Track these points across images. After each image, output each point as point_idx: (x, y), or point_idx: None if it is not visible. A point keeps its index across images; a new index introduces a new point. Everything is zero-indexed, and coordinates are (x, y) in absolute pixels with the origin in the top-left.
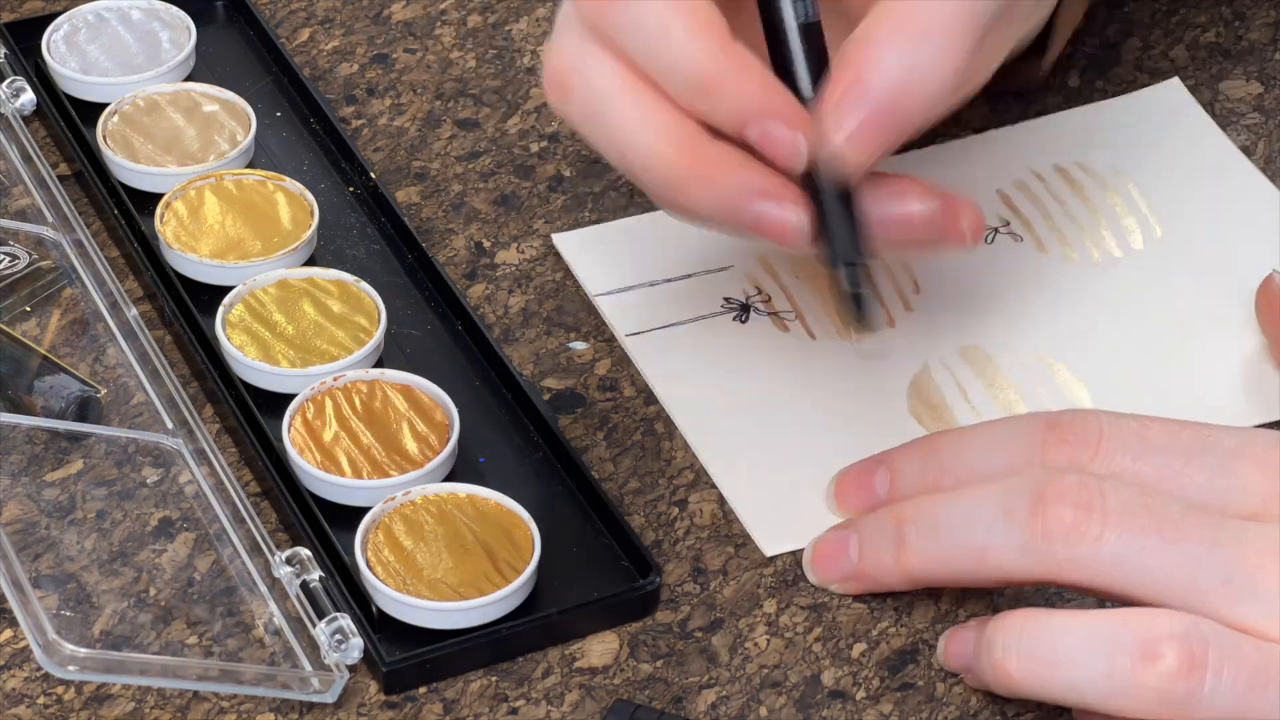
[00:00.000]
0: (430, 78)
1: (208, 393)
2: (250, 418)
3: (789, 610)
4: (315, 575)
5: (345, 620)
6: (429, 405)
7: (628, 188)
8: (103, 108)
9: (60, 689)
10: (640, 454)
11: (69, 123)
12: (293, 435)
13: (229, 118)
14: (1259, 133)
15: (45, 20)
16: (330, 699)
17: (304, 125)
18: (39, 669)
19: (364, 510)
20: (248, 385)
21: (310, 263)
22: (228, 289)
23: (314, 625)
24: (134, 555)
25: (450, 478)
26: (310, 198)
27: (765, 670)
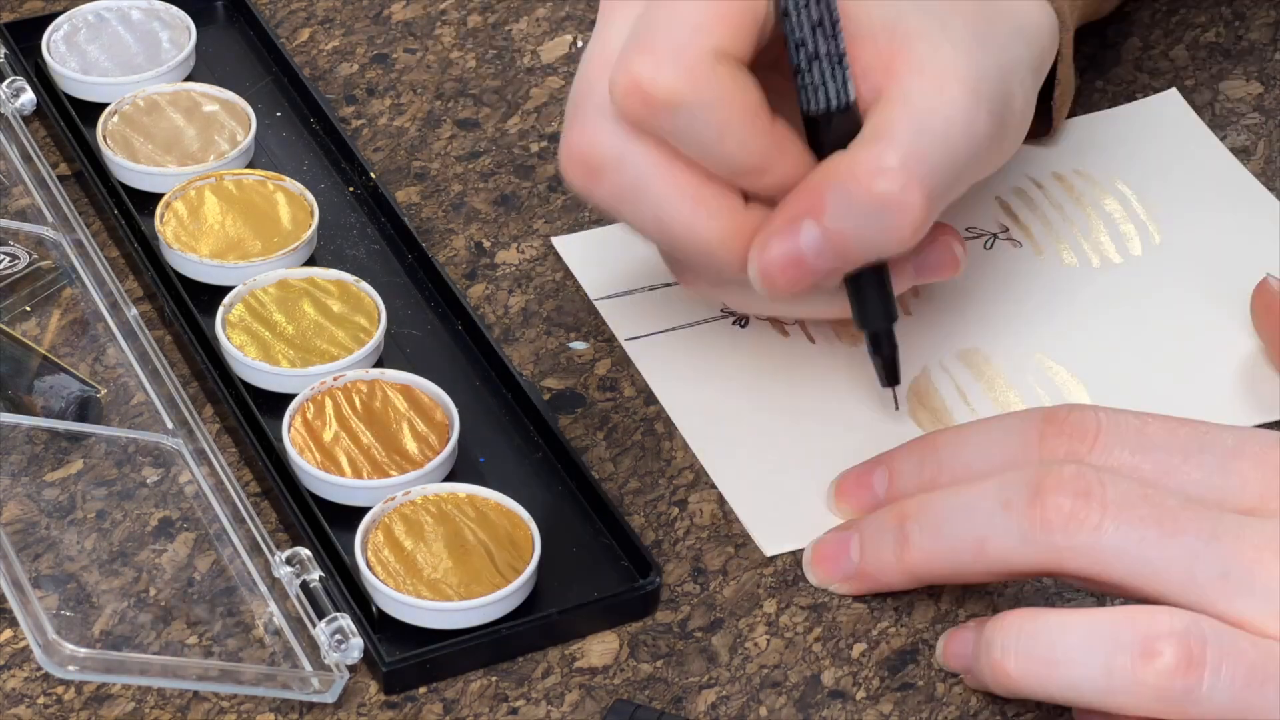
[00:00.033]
0: (430, 78)
1: (208, 393)
2: (250, 418)
3: (789, 610)
4: (315, 575)
5: (345, 620)
6: (429, 405)
7: None
8: (103, 108)
9: (60, 689)
10: (640, 454)
11: (69, 123)
12: (293, 435)
13: (229, 118)
14: (1259, 133)
15: (45, 20)
16: (330, 699)
17: (304, 125)
18: (39, 669)
19: (364, 510)
20: (248, 385)
21: (310, 263)
22: (228, 289)
23: (314, 625)
24: (134, 555)
25: (450, 478)
26: (310, 198)
27: (765, 670)
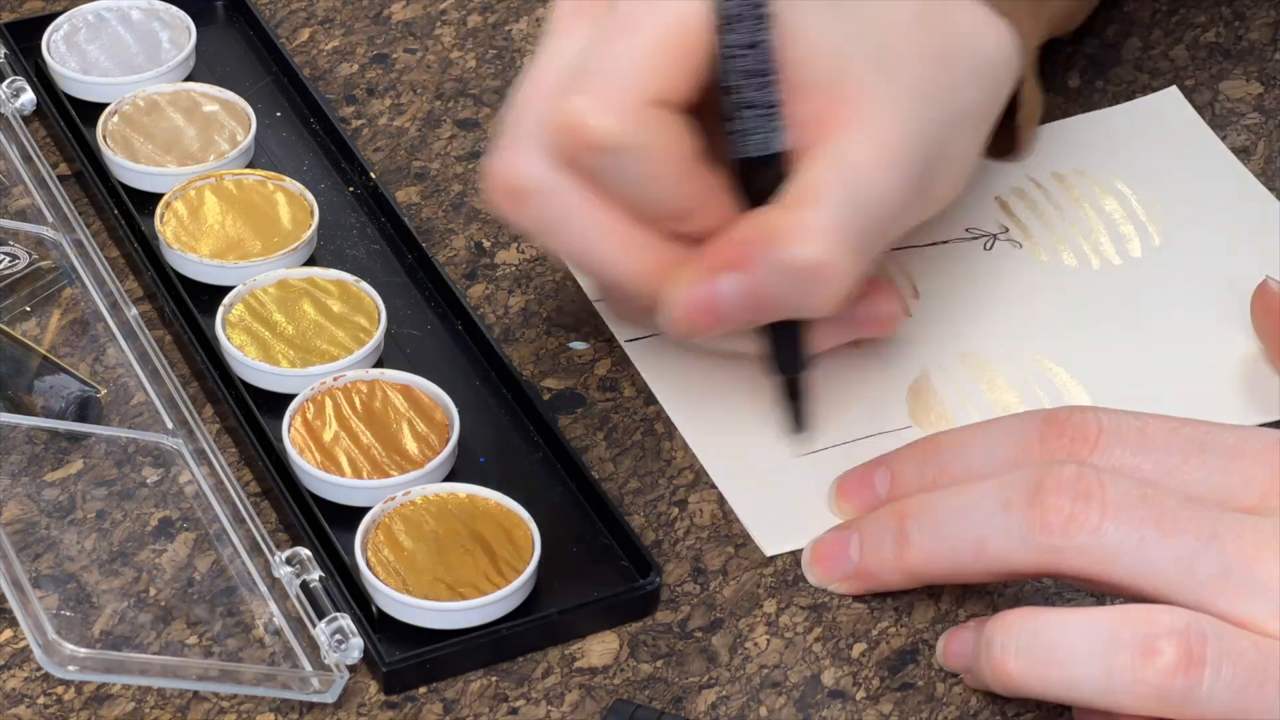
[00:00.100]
0: (430, 78)
1: (208, 393)
2: (250, 418)
3: (789, 610)
4: (315, 575)
5: (345, 620)
6: (429, 405)
7: None
8: (103, 108)
9: (60, 689)
10: (640, 454)
11: (69, 123)
12: (293, 435)
13: (229, 118)
14: (1259, 133)
15: (45, 20)
16: (330, 699)
17: (304, 125)
18: (39, 669)
19: (364, 510)
20: (248, 385)
21: (310, 263)
22: (228, 289)
23: (314, 625)
24: (134, 555)
25: (450, 478)
26: (310, 198)
27: (765, 670)
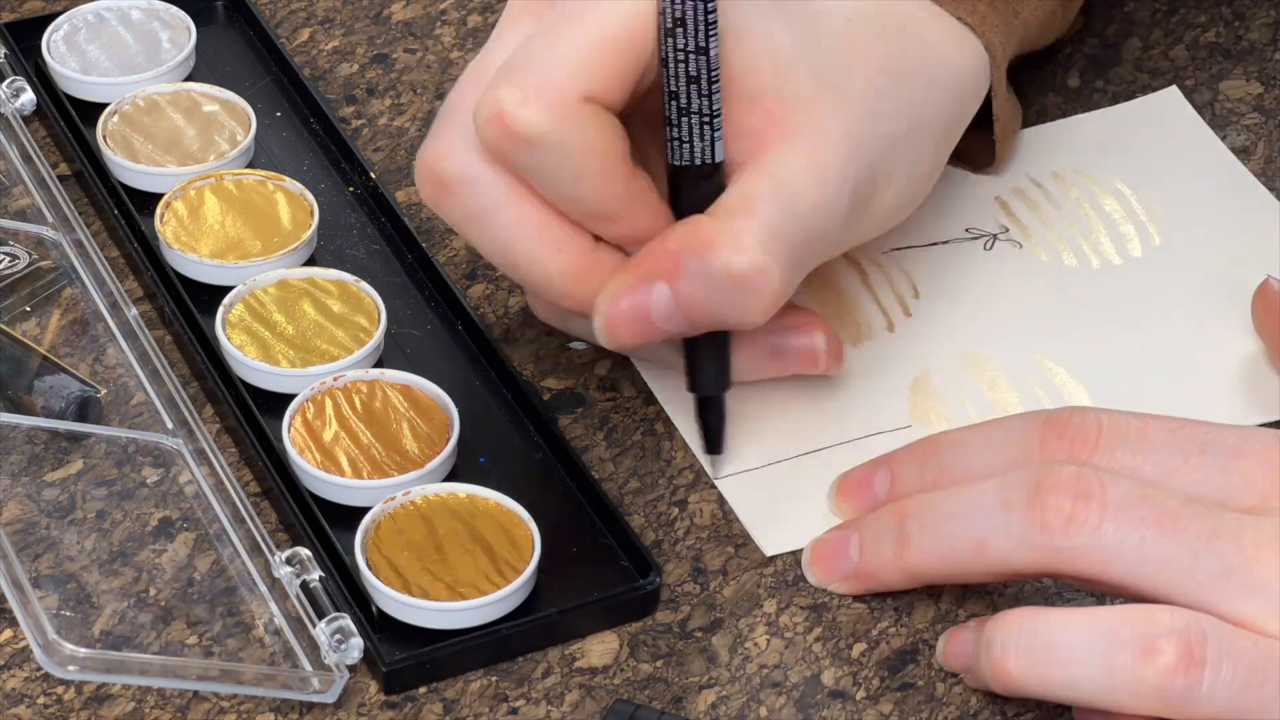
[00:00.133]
0: (430, 78)
1: (208, 393)
2: (250, 418)
3: (789, 610)
4: (315, 575)
5: (345, 620)
6: (429, 405)
7: None
8: (103, 108)
9: (60, 689)
10: (640, 454)
11: (69, 123)
12: (293, 435)
13: (229, 118)
14: (1259, 133)
15: (45, 20)
16: (330, 699)
17: (304, 125)
18: (39, 669)
19: (364, 510)
20: (248, 385)
21: (310, 263)
22: (228, 289)
23: (314, 625)
24: (134, 555)
25: (450, 478)
26: (310, 198)
27: (765, 670)
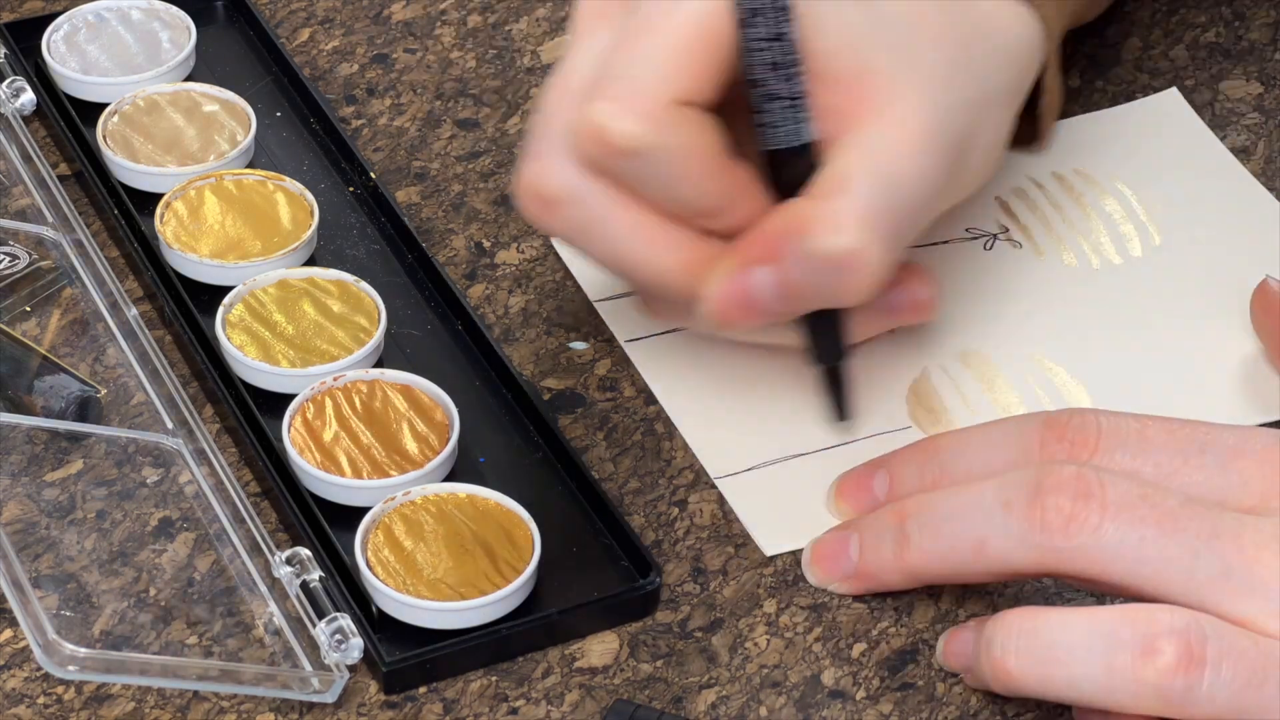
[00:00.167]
0: (430, 78)
1: (208, 393)
2: (250, 418)
3: (789, 610)
4: (315, 575)
5: (345, 620)
6: (429, 405)
7: None
8: (103, 108)
9: (60, 689)
10: (640, 454)
11: (69, 123)
12: (293, 435)
13: (229, 118)
14: (1259, 133)
15: (45, 20)
16: (330, 699)
17: (304, 125)
18: (39, 669)
19: (364, 510)
20: (248, 385)
21: (310, 263)
22: (228, 289)
23: (314, 625)
24: (134, 555)
25: (450, 478)
26: (310, 198)
27: (765, 670)
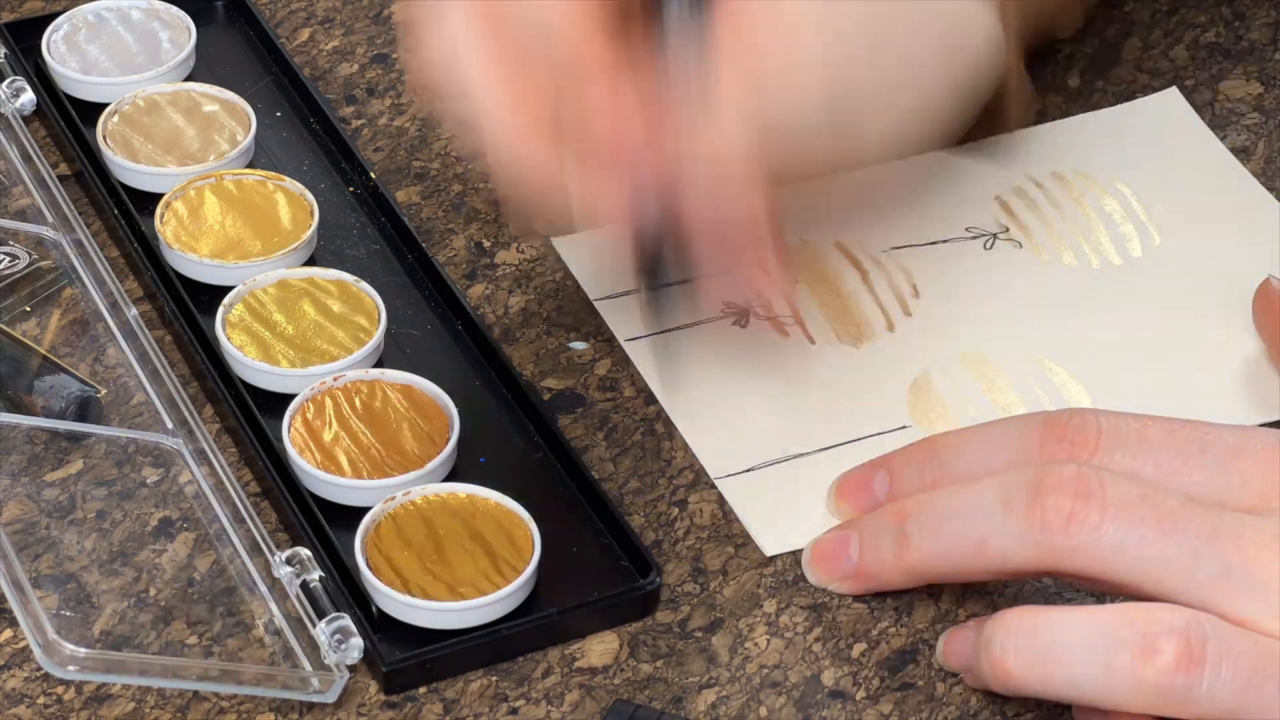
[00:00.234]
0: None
1: (208, 393)
2: (250, 418)
3: (789, 610)
4: (315, 575)
5: (345, 620)
6: (429, 405)
7: None
8: (103, 108)
9: (60, 689)
10: (640, 454)
11: (69, 123)
12: (293, 435)
13: (229, 118)
14: (1259, 133)
15: (45, 20)
16: (330, 699)
17: (304, 125)
18: (39, 669)
19: (364, 510)
20: (248, 385)
21: (310, 263)
22: (228, 289)
23: (314, 625)
24: (134, 555)
25: (450, 478)
26: (310, 198)
27: (765, 670)
